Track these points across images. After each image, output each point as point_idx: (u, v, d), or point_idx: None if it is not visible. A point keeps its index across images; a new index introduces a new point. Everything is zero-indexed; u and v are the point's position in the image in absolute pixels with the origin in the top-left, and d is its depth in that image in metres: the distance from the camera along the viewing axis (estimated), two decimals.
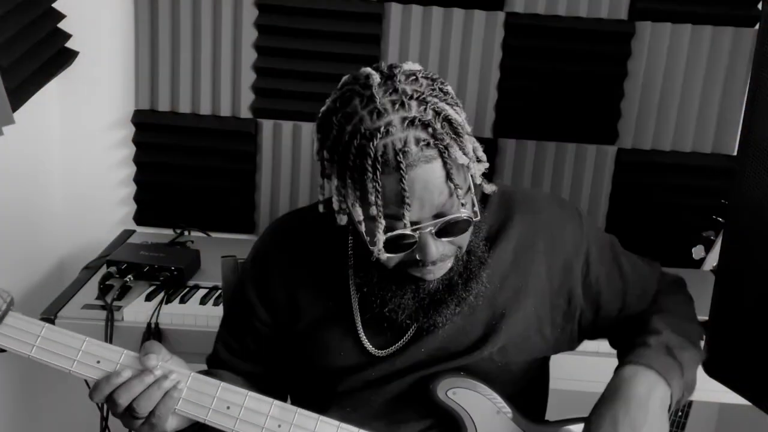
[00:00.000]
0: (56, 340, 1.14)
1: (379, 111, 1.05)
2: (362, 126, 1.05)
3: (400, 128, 1.04)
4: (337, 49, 2.30)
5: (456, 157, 1.05)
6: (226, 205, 2.42)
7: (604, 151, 2.36)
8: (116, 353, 1.14)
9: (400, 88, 1.06)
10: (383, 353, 1.24)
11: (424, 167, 1.04)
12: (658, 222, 2.39)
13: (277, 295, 1.29)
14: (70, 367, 1.13)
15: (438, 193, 1.06)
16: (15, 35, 1.97)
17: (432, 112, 1.06)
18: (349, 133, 1.06)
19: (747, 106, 1.27)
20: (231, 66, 2.32)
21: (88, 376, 1.13)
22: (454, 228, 1.10)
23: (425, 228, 1.07)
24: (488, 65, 2.31)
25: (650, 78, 2.31)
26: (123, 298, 1.95)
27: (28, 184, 2.26)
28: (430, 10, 2.27)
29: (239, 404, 1.15)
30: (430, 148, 1.04)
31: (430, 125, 1.05)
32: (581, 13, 2.27)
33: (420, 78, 1.09)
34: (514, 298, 1.25)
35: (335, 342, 1.26)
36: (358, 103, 1.07)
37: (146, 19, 2.30)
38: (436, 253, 1.10)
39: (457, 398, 1.21)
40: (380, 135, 1.03)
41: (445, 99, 1.09)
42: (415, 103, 1.06)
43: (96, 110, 2.37)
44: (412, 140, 1.04)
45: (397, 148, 1.03)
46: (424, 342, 1.23)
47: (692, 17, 2.27)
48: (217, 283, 2.03)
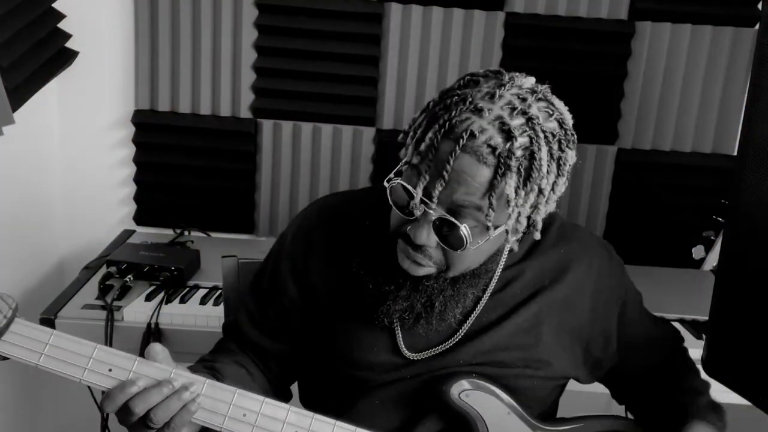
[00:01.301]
0: (65, 347, 1.09)
1: (493, 96, 1.05)
2: (471, 94, 1.06)
3: (490, 120, 1.03)
4: (337, 49, 2.30)
5: (505, 185, 1.03)
6: (226, 205, 2.42)
7: (604, 151, 2.36)
8: (129, 361, 1.09)
9: (528, 102, 1.06)
10: (417, 357, 1.23)
11: (473, 162, 1.03)
12: (658, 222, 2.39)
13: (312, 275, 1.27)
14: (80, 375, 1.08)
15: (466, 192, 1.04)
16: (15, 35, 1.97)
17: (526, 139, 1.04)
18: (459, 93, 1.07)
19: (747, 106, 1.27)
20: (231, 66, 2.32)
21: (100, 385, 1.09)
22: (451, 236, 1.08)
23: (431, 207, 1.06)
24: (488, 65, 2.30)
25: (650, 78, 2.31)
26: (123, 298, 1.95)
27: (28, 184, 2.26)
28: (430, 10, 2.27)
29: (255, 411, 1.12)
30: (492, 156, 1.03)
31: (512, 143, 1.03)
32: (581, 13, 2.28)
33: (553, 118, 1.08)
34: (556, 331, 1.26)
35: (369, 337, 1.23)
36: (486, 81, 1.08)
37: (146, 19, 2.30)
38: (424, 238, 1.08)
39: (470, 400, 1.21)
40: (473, 108, 1.04)
41: (550, 146, 1.06)
42: (522, 120, 1.05)
43: (96, 110, 2.37)
44: (487, 136, 1.03)
45: (471, 128, 1.03)
46: (461, 352, 1.23)
47: (692, 17, 2.27)
48: (217, 283, 2.04)
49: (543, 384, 1.27)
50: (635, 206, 2.39)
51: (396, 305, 1.17)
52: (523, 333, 1.24)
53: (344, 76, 2.33)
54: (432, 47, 2.30)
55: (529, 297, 1.25)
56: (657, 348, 1.40)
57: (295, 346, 1.31)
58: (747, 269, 1.28)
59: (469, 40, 2.29)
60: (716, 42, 2.28)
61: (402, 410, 1.24)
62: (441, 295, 1.16)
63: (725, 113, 2.34)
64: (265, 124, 2.36)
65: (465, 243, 1.07)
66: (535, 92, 1.08)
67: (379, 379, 1.24)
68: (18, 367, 2.41)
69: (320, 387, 1.32)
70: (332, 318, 1.26)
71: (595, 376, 1.36)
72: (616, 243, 2.50)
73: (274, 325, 1.30)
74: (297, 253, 1.29)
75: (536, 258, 1.27)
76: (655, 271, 2.32)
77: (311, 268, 1.27)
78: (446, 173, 1.03)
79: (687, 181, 2.37)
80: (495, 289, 1.24)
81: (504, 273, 1.25)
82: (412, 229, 1.09)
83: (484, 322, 1.24)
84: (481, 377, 1.22)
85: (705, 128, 2.35)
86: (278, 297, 1.29)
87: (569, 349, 1.28)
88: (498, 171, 1.03)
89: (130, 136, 2.38)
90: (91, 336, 1.91)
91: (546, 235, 1.27)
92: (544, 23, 2.28)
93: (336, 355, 1.26)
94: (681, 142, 2.36)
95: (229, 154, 2.38)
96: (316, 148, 2.37)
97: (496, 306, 1.24)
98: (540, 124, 1.06)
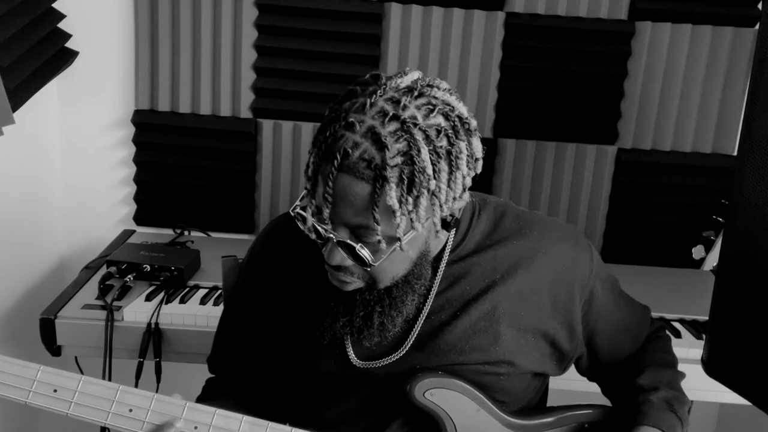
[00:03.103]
0: (8, 371, 1.11)
1: (364, 106, 1.03)
2: (345, 108, 1.04)
3: (362, 133, 1.01)
4: (337, 49, 2.30)
5: (387, 197, 1.01)
6: (226, 205, 2.42)
7: (604, 151, 2.36)
8: (73, 381, 1.13)
9: (402, 104, 1.03)
10: (371, 365, 1.22)
11: (352, 179, 1.01)
12: (658, 222, 2.39)
13: (266, 297, 1.29)
14: (25, 398, 1.12)
15: (353, 212, 1.04)
16: (15, 35, 1.97)
17: (403, 144, 1.01)
18: (336, 108, 1.05)
19: (747, 106, 1.27)
20: (231, 66, 2.32)
21: (46, 407, 1.13)
22: (354, 256, 1.07)
23: (329, 231, 1.06)
24: (488, 65, 2.31)
25: (650, 78, 2.31)
26: (123, 298, 1.95)
27: (28, 184, 2.26)
28: (430, 10, 2.27)
29: (207, 423, 1.12)
30: (369, 169, 1.00)
31: (386, 153, 1.00)
32: (581, 13, 2.27)
33: (436, 113, 1.04)
34: (517, 328, 1.23)
35: (321, 351, 1.23)
36: (361, 91, 1.06)
37: (146, 19, 2.30)
38: (338, 260, 1.08)
39: (435, 398, 1.19)
40: (344, 124, 1.02)
41: (434, 144, 1.02)
42: (396, 125, 1.01)
43: (96, 110, 2.37)
44: (361, 150, 1.01)
45: (345, 145, 1.01)
46: (416, 357, 1.21)
47: (692, 17, 2.27)
48: (217, 283, 2.03)
49: (511, 380, 1.24)
50: (635, 206, 2.39)
51: (336, 322, 1.17)
52: (480, 333, 1.21)
53: (344, 76, 2.32)
54: (432, 47, 2.30)
55: (481, 293, 1.21)
56: (624, 338, 1.36)
57: (270, 368, 1.32)
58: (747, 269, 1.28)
59: (469, 40, 2.29)
60: (716, 42, 2.28)
61: (368, 416, 1.24)
62: (378, 305, 1.15)
63: (725, 113, 2.34)
64: (265, 124, 2.36)
65: (368, 261, 1.07)
66: (412, 90, 1.04)
67: (339, 389, 1.25)
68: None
69: (286, 398, 1.33)
70: (287, 335, 1.27)
71: (562, 368, 1.32)
72: (616, 243, 2.52)
73: (249, 352, 1.33)
74: (251, 279, 1.31)
75: (487, 252, 1.23)
76: (655, 271, 2.32)
77: (264, 289, 1.29)
78: (328, 196, 1.03)
79: (687, 181, 2.37)
80: (441, 288, 1.22)
81: (449, 269, 1.22)
82: (325, 251, 1.09)
83: (434, 323, 1.21)
84: (447, 374, 1.20)
85: (705, 128, 2.35)
86: (247, 325, 1.32)
87: (533, 346, 1.24)
88: (377, 184, 1.01)
89: (130, 136, 2.38)
90: (91, 336, 1.92)
91: (498, 227, 1.25)
92: (544, 23, 2.28)
93: (294, 369, 1.28)
94: (681, 142, 2.36)
95: (229, 154, 2.38)
96: None
97: (445, 305, 1.22)
98: (418, 124, 1.02)
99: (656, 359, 1.36)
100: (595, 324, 1.30)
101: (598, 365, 1.36)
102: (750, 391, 1.33)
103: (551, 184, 2.39)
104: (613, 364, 1.37)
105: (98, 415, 1.13)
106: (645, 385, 1.30)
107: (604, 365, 1.36)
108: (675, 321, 2.01)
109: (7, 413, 2.21)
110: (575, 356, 1.32)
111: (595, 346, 1.33)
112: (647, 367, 1.34)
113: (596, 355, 1.34)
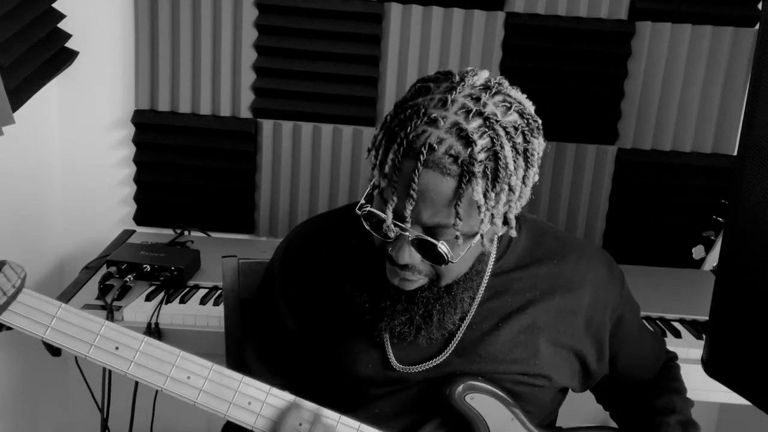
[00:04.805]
0: (73, 322, 1.09)
1: (446, 102, 1.02)
2: (424, 104, 1.03)
3: (446, 128, 1.01)
4: (337, 49, 2.31)
5: (473, 192, 1.01)
6: (226, 205, 2.42)
7: (604, 151, 2.36)
8: (136, 341, 1.12)
9: (483, 101, 1.03)
10: (411, 370, 1.22)
11: (437, 175, 1.01)
12: (658, 222, 2.39)
13: (304, 300, 1.27)
14: (86, 351, 1.08)
15: (433, 208, 1.03)
16: (15, 35, 1.97)
17: (487, 140, 1.01)
18: (412, 104, 1.04)
19: (747, 106, 1.27)
20: (231, 66, 2.32)
21: (105, 362, 1.10)
22: (432, 251, 1.07)
23: (405, 230, 1.05)
24: (488, 65, 2.31)
25: (650, 78, 2.31)
26: (123, 298, 1.95)
27: (28, 183, 2.26)
28: (430, 10, 2.27)
29: (261, 400, 1.13)
30: (455, 165, 1.00)
31: (473, 148, 1.00)
32: (581, 13, 2.28)
33: (512, 110, 1.05)
34: (552, 339, 1.25)
35: (363, 354, 1.23)
36: (437, 87, 1.05)
37: (146, 19, 2.30)
38: (406, 258, 1.07)
39: (474, 403, 1.20)
40: (427, 120, 1.01)
41: (514, 141, 1.04)
42: (480, 121, 1.02)
43: (96, 110, 2.38)
44: (447, 146, 1.00)
45: (430, 141, 1.00)
46: (456, 363, 1.22)
47: (692, 17, 2.27)
48: (217, 283, 2.04)
49: (543, 392, 1.27)
50: (635, 206, 2.39)
51: (395, 320, 1.16)
52: (520, 346, 1.23)
53: (344, 76, 2.33)
54: (432, 47, 2.30)
55: (522, 307, 1.23)
56: (643, 363, 1.40)
57: (295, 373, 1.31)
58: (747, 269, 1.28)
59: (469, 40, 2.29)
60: (716, 42, 2.28)
61: (402, 418, 1.25)
62: (438, 303, 1.16)
63: (725, 113, 2.34)
64: (265, 124, 2.36)
65: (446, 258, 1.06)
66: (489, 88, 1.06)
67: (376, 393, 1.25)
68: (18, 367, 2.41)
69: (320, 399, 1.32)
70: (326, 338, 1.26)
71: (586, 387, 1.35)
72: (616, 243, 2.52)
73: (279, 358, 1.31)
74: (286, 281, 1.29)
75: (528, 269, 1.25)
76: (655, 271, 2.32)
77: (302, 292, 1.27)
78: (413, 192, 1.01)
79: (687, 181, 2.37)
80: (484, 298, 1.23)
81: (492, 281, 1.24)
82: (393, 250, 1.08)
83: (476, 332, 1.23)
84: (487, 380, 1.22)
85: (705, 128, 2.35)
86: (278, 330, 1.30)
87: (567, 362, 1.28)
88: (463, 179, 1.01)
89: (130, 136, 2.38)
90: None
91: (539, 246, 1.27)
92: (544, 23, 2.28)
93: (332, 372, 1.27)
94: (681, 142, 2.36)
95: (229, 154, 2.38)
96: (316, 148, 2.37)
97: (487, 315, 1.23)
98: (499, 120, 1.03)
99: (671, 386, 1.40)
100: (620, 347, 1.34)
101: (616, 388, 1.39)
102: (750, 391, 1.32)
103: (551, 184, 2.39)
104: (630, 388, 1.39)
105: (156, 378, 1.12)
106: (661, 408, 1.34)
107: (622, 389, 1.39)
108: (675, 321, 2.01)
109: (6, 398, 2.21)
110: (600, 377, 1.35)
111: (616, 368, 1.36)
112: (663, 391, 1.37)
113: (616, 377, 1.37)
